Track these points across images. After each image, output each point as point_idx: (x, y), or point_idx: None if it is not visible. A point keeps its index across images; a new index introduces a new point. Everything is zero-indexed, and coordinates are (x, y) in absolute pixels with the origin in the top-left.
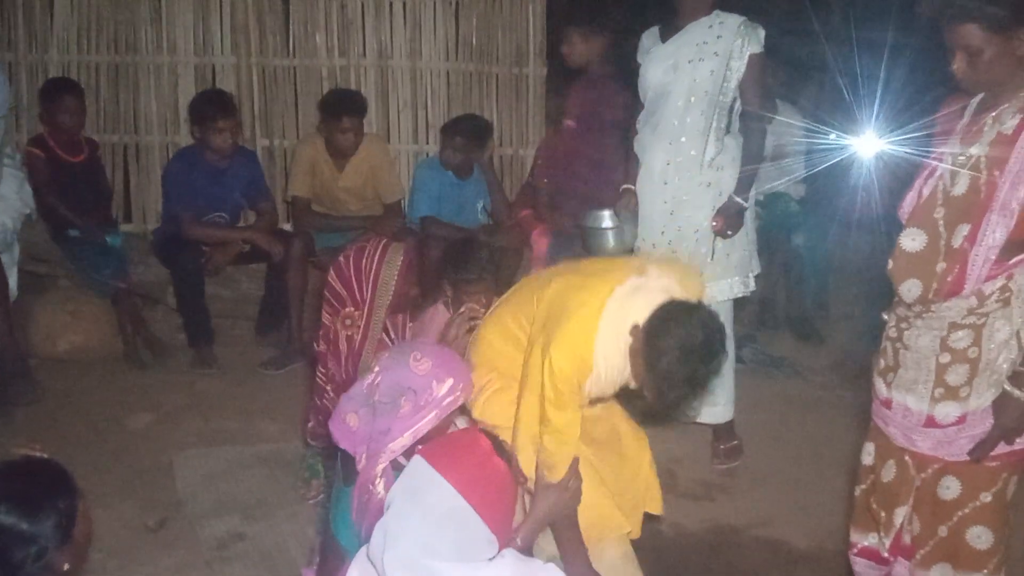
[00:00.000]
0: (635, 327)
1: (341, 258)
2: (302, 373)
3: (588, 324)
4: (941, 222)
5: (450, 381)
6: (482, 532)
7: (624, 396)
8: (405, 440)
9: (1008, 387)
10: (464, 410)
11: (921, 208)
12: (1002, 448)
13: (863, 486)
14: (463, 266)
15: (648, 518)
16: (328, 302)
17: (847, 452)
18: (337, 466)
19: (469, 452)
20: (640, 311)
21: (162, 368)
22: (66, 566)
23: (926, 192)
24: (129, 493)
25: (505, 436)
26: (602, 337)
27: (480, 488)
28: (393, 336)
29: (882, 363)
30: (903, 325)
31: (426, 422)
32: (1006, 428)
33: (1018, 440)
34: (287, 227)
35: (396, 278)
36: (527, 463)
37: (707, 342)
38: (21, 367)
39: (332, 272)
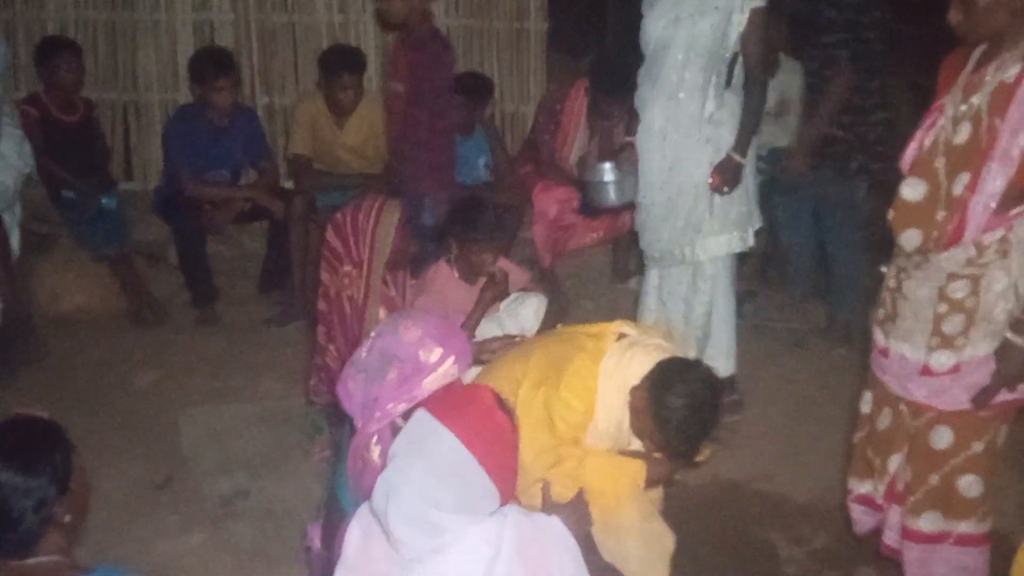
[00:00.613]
0: (634, 389)
1: (339, 216)
2: (305, 330)
3: (589, 373)
4: (942, 171)
5: (439, 351)
6: (485, 485)
7: None
8: (398, 408)
9: (1010, 335)
10: None
11: (922, 158)
12: (996, 397)
13: (861, 434)
14: (471, 225)
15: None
16: (327, 260)
17: (848, 406)
18: (346, 428)
19: (472, 405)
20: (637, 368)
21: (166, 327)
22: (67, 517)
23: (927, 142)
24: (134, 451)
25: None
26: (602, 389)
27: (484, 440)
28: (395, 293)
29: (881, 313)
30: (902, 275)
31: (421, 392)
32: (1008, 375)
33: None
34: (288, 185)
35: (393, 235)
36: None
37: (712, 396)
38: (25, 327)
39: (330, 230)
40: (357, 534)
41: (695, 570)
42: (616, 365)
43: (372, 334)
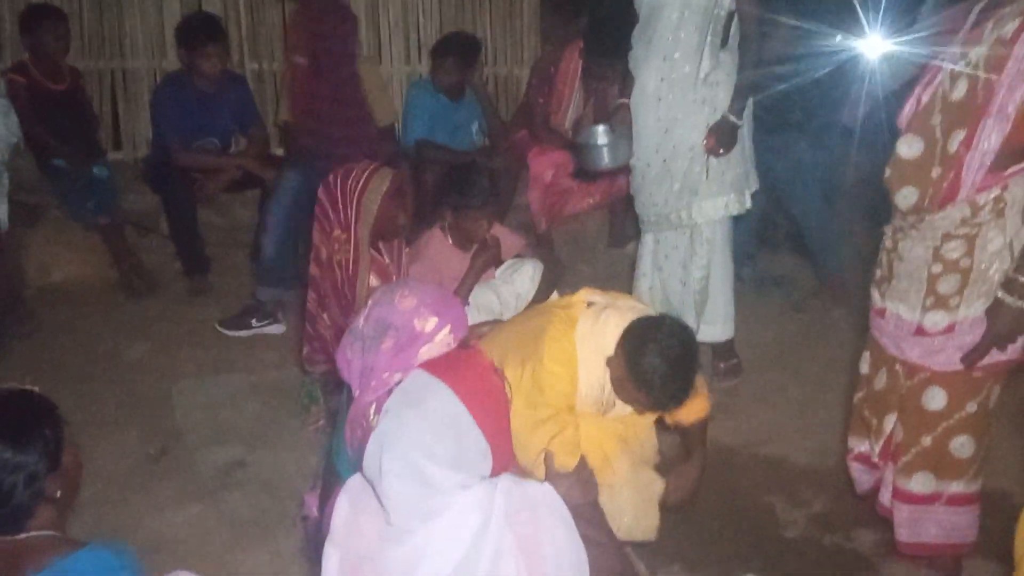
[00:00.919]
0: (610, 359)
1: (330, 177)
2: (299, 300)
3: (567, 339)
4: (938, 128)
5: (434, 320)
6: (479, 442)
7: None
8: (394, 378)
9: (1001, 294)
10: None
11: (919, 115)
12: (989, 358)
13: (860, 394)
14: (466, 192)
15: None
16: (319, 222)
17: (847, 369)
18: (344, 396)
19: (469, 365)
20: (613, 329)
21: (158, 297)
22: (58, 493)
23: (925, 99)
24: (129, 423)
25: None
26: (580, 353)
27: (479, 398)
28: (388, 261)
29: (878, 273)
30: (898, 235)
31: (417, 361)
32: (999, 334)
33: (1008, 348)
34: (279, 152)
35: (379, 203)
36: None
37: (686, 347)
38: (15, 299)
39: (320, 191)
40: (346, 508)
41: (694, 534)
42: (591, 328)
43: (369, 302)
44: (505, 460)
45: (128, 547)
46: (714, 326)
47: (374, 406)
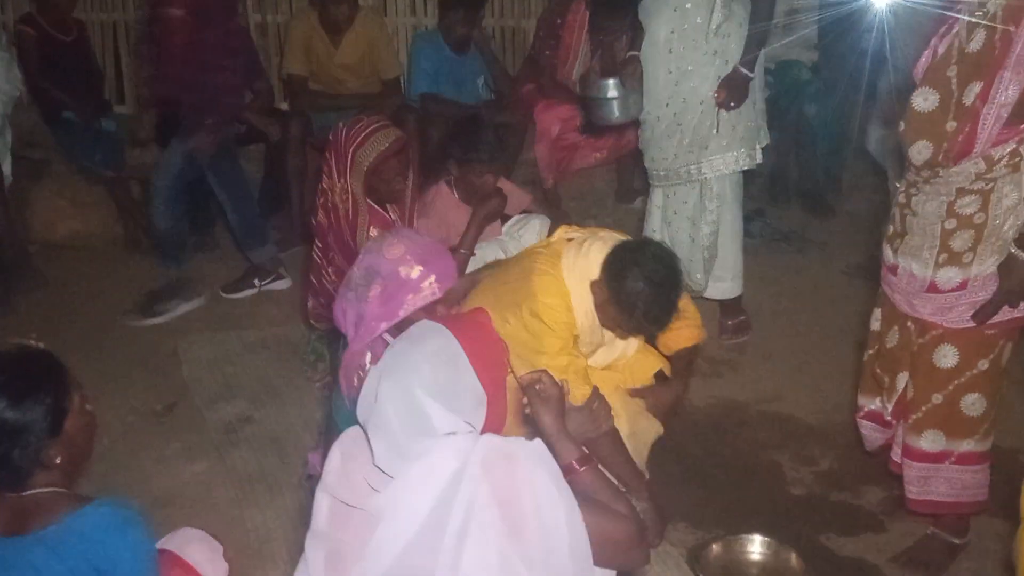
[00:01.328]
0: (593, 283)
1: (341, 124)
2: (305, 255)
3: (555, 272)
4: (954, 80)
5: (419, 268)
6: (475, 387)
7: None
8: (382, 326)
9: (1014, 250)
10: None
11: (935, 67)
12: (1001, 315)
13: (870, 351)
14: (472, 146)
15: None
16: (328, 166)
17: (856, 326)
18: (340, 347)
19: (471, 319)
20: (596, 256)
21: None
22: (58, 459)
23: (941, 50)
24: (135, 379)
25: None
26: (569, 286)
27: (479, 347)
28: (394, 217)
29: (891, 229)
30: (912, 191)
31: (403, 310)
32: (1011, 291)
33: (1021, 305)
34: (283, 107)
35: (372, 159)
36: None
37: (669, 270)
38: (21, 255)
39: (331, 137)
40: (337, 457)
41: (702, 491)
42: (575, 259)
43: (362, 252)
44: (498, 419)
45: (135, 502)
46: (723, 282)
47: (369, 355)
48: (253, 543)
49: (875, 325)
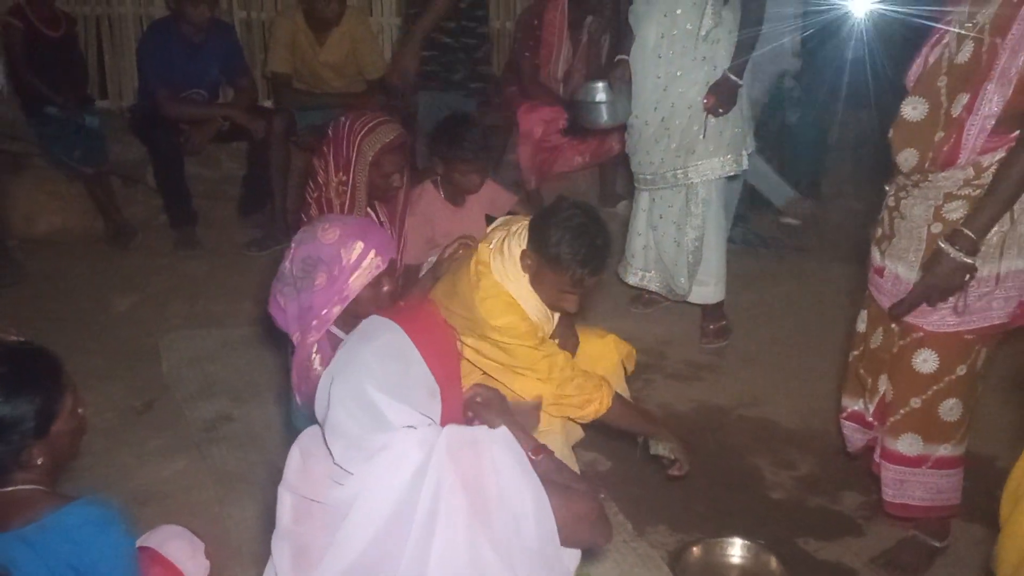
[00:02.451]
0: (522, 256)
1: (343, 118)
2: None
3: (495, 289)
4: (943, 91)
5: (360, 245)
6: (427, 378)
7: None
8: (333, 312)
9: (944, 243)
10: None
11: (925, 76)
12: (981, 321)
13: (855, 352)
14: (458, 145)
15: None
16: (323, 159)
17: (835, 332)
18: (289, 348)
19: (419, 311)
20: (517, 247)
21: (144, 249)
22: (39, 460)
23: (932, 60)
24: (115, 375)
25: None
26: (511, 289)
27: (429, 338)
28: (383, 219)
29: (879, 231)
30: (901, 194)
31: (350, 290)
32: (932, 285)
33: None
34: (267, 104)
35: (376, 151)
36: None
37: (586, 215)
38: (0, 249)
39: (330, 131)
40: (297, 455)
41: (680, 495)
42: (503, 264)
43: (292, 244)
44: (454, 410)
45: (116, 501)
46: (706, 287)
47: (316, 349)
48: (234, 540)
49: (861, 326)
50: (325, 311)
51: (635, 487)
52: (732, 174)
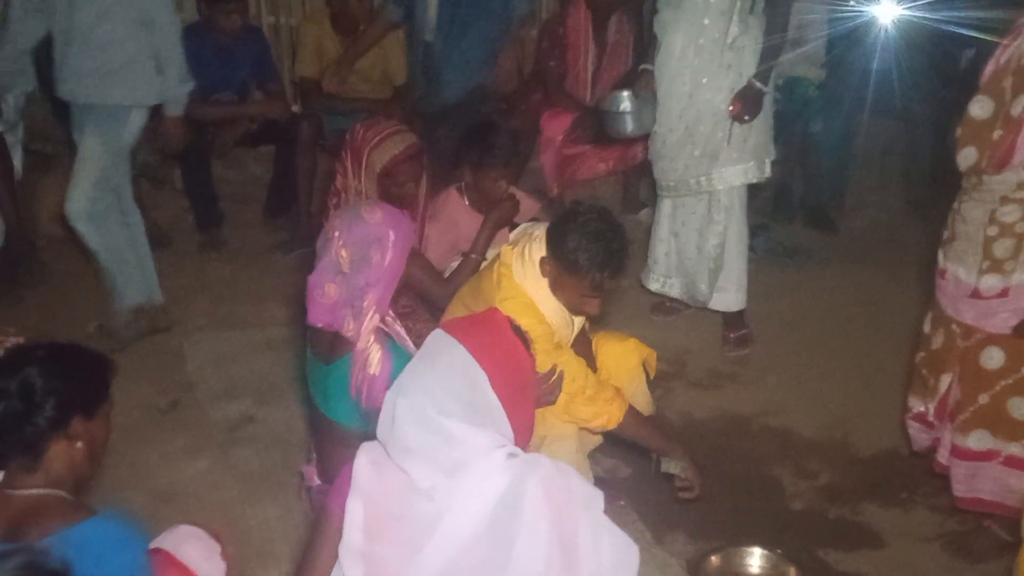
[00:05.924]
0: (541, 262)
1: (359, 124)
2: (312, 257)
3: (515, 291)
4: (1008, 90)
5: (402, 223)
6: (492, 400)
7: None
8: (382, 290)
9: None
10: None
11: (994, 75)
12: None
13: (921, 353)
14: (487, 151)
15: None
16: (344, 166)
17: (858, 342)
18: (307, 346)
19: (485, 324)
20: (538, 250)
21: (170, 250)
22: (78, 444)
23: (1003, 60)
24: (139, 375)
25: None
26: (530, 291)
27: (492, 356)
28: None
29: (945, 234)
30: (963, 197)
31: (389, 267)
32: None
33: None
34: (295, 109)
35: (386, 162)
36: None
37: (603, 219)
38: (28, 249)
39: (347, 137)
40: (365, 463)
41: (699, 504)
42: (523, 267)
43: (335, 234)
44: (526, 427)
45: (136, 504)
46: (727, 294)
47: (372, 340)
48: (255, 541)
49: (926, 328)
50: (382, 289)
51: (654, 494)
52: (756, 181)
